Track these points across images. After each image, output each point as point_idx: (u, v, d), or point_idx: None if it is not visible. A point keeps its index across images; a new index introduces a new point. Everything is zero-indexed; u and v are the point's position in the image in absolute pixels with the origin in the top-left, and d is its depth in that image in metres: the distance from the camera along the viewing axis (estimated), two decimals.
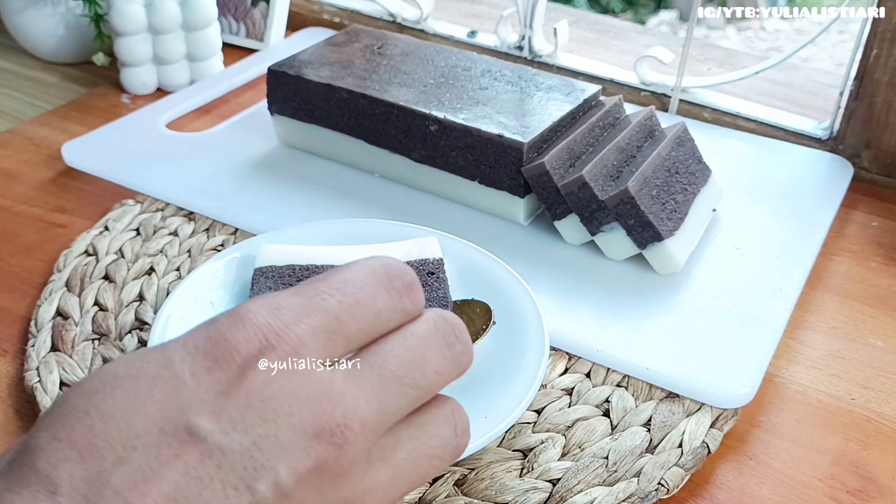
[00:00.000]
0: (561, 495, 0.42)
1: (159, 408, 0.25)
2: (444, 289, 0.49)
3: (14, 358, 0.51)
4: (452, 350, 0.29)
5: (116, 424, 0.25)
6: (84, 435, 0.25)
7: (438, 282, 0.50)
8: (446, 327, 0.30)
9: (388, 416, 0.28)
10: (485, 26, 0.90)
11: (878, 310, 0.57)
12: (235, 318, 0.26)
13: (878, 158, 0.70)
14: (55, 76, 0.86)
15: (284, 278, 0.50)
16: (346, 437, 0.26)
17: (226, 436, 0.25)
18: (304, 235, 0.54)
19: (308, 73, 0.66)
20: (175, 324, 0.47)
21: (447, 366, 0.29)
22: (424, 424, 0.29)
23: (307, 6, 0.95)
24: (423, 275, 0.50)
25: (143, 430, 0.25)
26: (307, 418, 0.25)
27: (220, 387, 0.25)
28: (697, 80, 0.77)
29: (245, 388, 0.25)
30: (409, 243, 0.52)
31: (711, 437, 0.46)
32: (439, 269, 0.50)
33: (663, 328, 0.52)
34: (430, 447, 0.29)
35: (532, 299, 0.49)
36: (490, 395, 0.44)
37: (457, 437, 0.30)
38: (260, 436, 0.25)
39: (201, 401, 0.25)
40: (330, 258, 0.51)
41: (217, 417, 0.25)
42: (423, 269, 0.50)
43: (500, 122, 0.60)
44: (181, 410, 0.25)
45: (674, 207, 0.56)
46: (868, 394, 0.50)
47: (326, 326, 0.27)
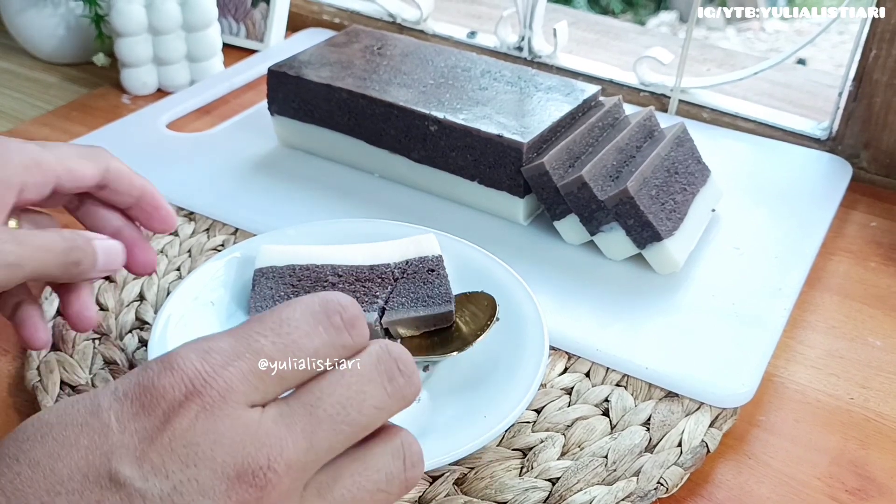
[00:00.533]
0: (560, 494, 0.42)
1: (84, 454, 0.26)
2: (445, 285, 0.49)
3: (15, 358, 0.52)
4: (394, 384, 0.29)
5: (42, 471, 0.26)
6: (11, 481, 0.26)
7: (439, 278, 0.50)
8: (389, 360, 0.29)
9: (321, 455, 0.28)
10: (484, 27, 0.90)
11: (877, 309, 0.57)
12: (165, 365, 0.27)
13: (876, 159, 0.70)
14: (56, 77, 0.86)
15: (285, 278, 0.50)
16: (269, 478, 0.26)
17: (146, 482, 0.25)
18: (304, 235, 0.54)
19: (308, 74, 0.66)
20: (175, 324, 0.47)
21: (388, 400, 0.29)
22: (369, 458, 0.29)
23: (307, 7, 0.95)
24: (422, 272, 0.50)
25: (68, 477, 0.26)
26: (229, 461, 0.26)
27: (145, 433, 0.26)
28: (697, 81, 0.77)
29: (168, 433, 0.26)
30: (406, 241, 0.52)
31: (710, 437, 0.46)
32: (438, 265, 0.50)
33: (663, 328, 0.52)
34: (374, 481, 0.29)
35: (532, 299, 0.49)
36: (490, 395, 0.44)
37: (406, 471, 0.30)
38: (181, 481, 0.26)
39: (125, 447, 0.26)
40: (330, 258, 0.51)
41: (139, 463, 0.26)
42: (422, 266, 0.50)
43: (499, 122, 0.60)
44: (105, 457, 0.26)
45: (673, 207, 0.56)
46: (867, 393, 0.50)
47: (257, 369, 0.27)
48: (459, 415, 0.44)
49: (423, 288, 0.49)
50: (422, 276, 0.50)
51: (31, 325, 0.44)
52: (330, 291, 0.31)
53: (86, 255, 0.42)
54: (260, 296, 0.49)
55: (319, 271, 0.50)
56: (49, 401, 0.47)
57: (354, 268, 0.51)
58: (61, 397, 0.47)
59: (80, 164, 0.44)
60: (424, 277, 0.50)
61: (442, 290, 0.49)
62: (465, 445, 0.41)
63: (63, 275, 0.42)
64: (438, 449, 0.40)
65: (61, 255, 0.41)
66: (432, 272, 0.50)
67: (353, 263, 0.51)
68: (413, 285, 0.50)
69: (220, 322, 0.50)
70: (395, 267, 0.51)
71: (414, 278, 0.50)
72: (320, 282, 0.50)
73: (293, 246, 0.51)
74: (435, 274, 0.50)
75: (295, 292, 0.49)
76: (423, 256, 0.51)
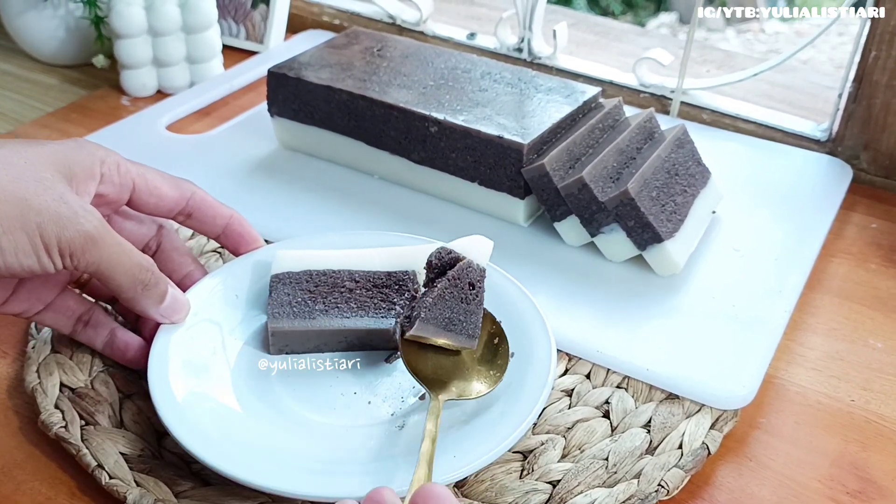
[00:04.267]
0: (561, 497, 0.42)
1: None
2: (478, 313, 0.46)
3: (14, 360, 0.51)
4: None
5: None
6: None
7: (475, 302, 0.46)
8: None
9: None
10: (484, 28, 0.90)
11: (878, 311, 0.57)
12: None
13: (876, 160, 0.70)
14: (55, 78, 0.86)
15: (302, 284, 0.50)
16: None
17: None
18: (318, 244, 0.53)
19: (308, 75, 0.66)
20: (178, 335, 0.47)
21: None
22: None
23: (307, 8, 0.95)
24: (463, 284, 0.46)
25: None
26: None
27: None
28: (697, 82, 0.77)
29: None
30: (427, 247, 0.49)
31: (711, 439, 0.46)
32: (481, 280, 0.47)
33: (663, 329, 0.52)
34: None
35: (546, 329, 0.48)
36: (492, 422, 0.44)
37: None
38: None
39: None
40: (347, 263, 0.51)
41: None
42: (463, 277, 0.46)
43: (499, 123, 0.60)
44: None
45: (673, 209, 0.56)
46: (867, 395, 0.50)
47: None
48: (465, 433, 0.44)
49: (459, 308, 0.46)
50: (461, 290, 0.46)
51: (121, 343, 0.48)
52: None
53: (156, 285, 0.45)
54: (277, 301, 0.49)
55: (336, 277, 0.50)
56: (48, 403, 0.47)
57: (371, 273, 0.51)
58: (61, 399, 0.47)
59: (160, 182, 0.47)
60: (462, 295, 0.46)
61: (474, 319, 0.46)
62: (469, 465, 0.41)
63: (126, 289, 0.43)
64: (445, 467, 0.40)
65: (135, 267, 0.43)
66: (472, 289, 0.46)
67: (369, 269, 0.51)
68: (450, 301, 0.45)
69: (227, 326, 0.49)
70: (415, 275, 0.50)
71: (454, 290, 0.46)
72: (337, 287, 0.50)
73: (309, 251, 0.51)
74: (474, 293, 0.46)
75: (312, 298, 0.49)
76: (468, 266, 0.46)
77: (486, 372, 0.46)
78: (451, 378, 0.45)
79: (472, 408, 0.45)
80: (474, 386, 0.45)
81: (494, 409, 0.45)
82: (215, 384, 0.46)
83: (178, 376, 0.45)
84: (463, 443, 0.42)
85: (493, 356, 0.47)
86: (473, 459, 0.41)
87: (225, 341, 0.49)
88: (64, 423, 0.46)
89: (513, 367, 0.47)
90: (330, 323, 0.49)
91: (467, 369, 0.46)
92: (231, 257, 0.58)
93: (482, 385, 0.45)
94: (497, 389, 0.45)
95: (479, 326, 0.46)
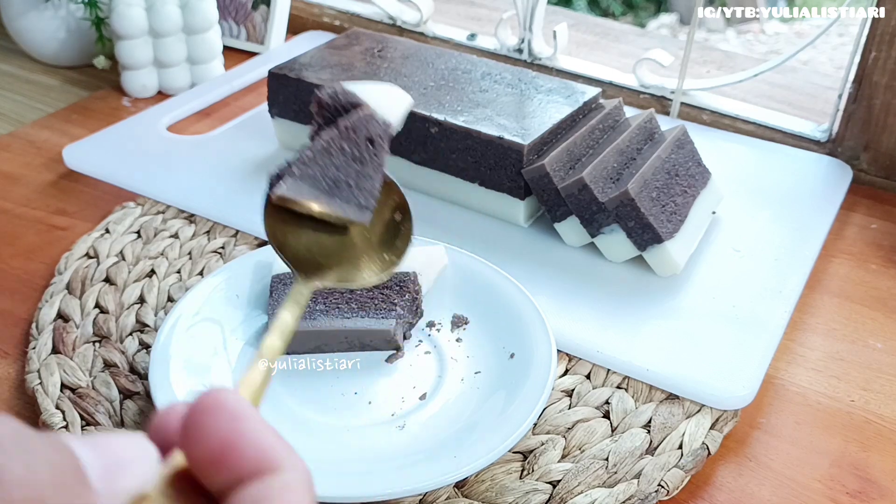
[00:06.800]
0: (561, 497, 0.42)
1: None
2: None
3: (15, 360, 0.52)
4: None
5: None
6: None
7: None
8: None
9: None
10: (484, 29, 0.90)
11: (878, 312, 0.57)
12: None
13: (876, 160, 0.70)
14: (56, 79, 0.86)
15: None
16: None
17: None
18: None
19: (308, 76, 0.66)
20: (180, 332, 0.47)
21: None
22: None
23: (307, 9, 0.95)
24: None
25: None
26: None
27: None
28: (697, 83, 0.77)
29: None
30: (417, 250, 0.50)
31: (711, 439, 0.46)
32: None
33: (663, 330, 0.52)
34: None
35: (545, 326, 0.48)
36: (493, 422, 0.44)
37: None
38: None
39: None
40: None
41: None
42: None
43: (500, 124, 0.60)
44: None
45: (674, 210, 0.56)
46: (868, 395, 0.50)
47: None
48: (462, 432, 0.44)
49: (350, 169, 0.35)
50: (356, 146, 0.35)
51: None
52: None
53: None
54: (278, 301, 0.49)
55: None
56: (49, 403, 0.47)
57: None
58: (62, 400, 0.47)
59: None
60: (356, 153, 0.35)
61: (369, 185, 0.35)
62: (469, 465, 0.41)
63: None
64: (445, 467, 0.40)
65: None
66: (372, 146, 0.35)
67: None
68: (338, 158, 0.34)
69: (228, 326, 0.50)
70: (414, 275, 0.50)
71: (345, 144, 0.35)
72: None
73: None
74: (373, 152, 0.35)
75: (312, 298, 0.49)
76: (369, 117, 0.35)
77: (379, 255, 0.36)
78: (332, 261, 0.34)
79: (472, 408, 0.45)
80: (361, 273, 0.35)
81: (495, 409, 0.45)
82: (216, 384, 0.46)
83: (179, 376, 0.45)
84: (463, 443, 0.42)
85: (392, 237, 0.37)
86: (474, 459, 0.41)
87: (226, 341, 0.49)
88: (65, 423, 0.46)
89: (513, 367, 0.47)
90: (330, 323, 0.49)
91: (356, 251, 0.35)
92: (232, 257, 0.58)
93: (371, 272, 0.35)
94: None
95: (374, 195, 0.35)
